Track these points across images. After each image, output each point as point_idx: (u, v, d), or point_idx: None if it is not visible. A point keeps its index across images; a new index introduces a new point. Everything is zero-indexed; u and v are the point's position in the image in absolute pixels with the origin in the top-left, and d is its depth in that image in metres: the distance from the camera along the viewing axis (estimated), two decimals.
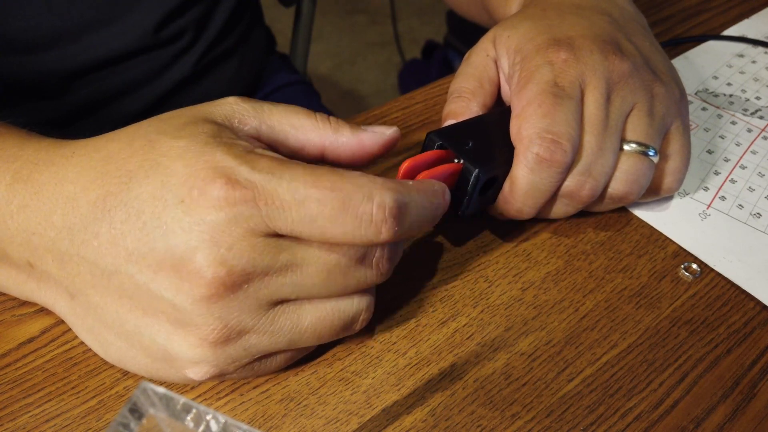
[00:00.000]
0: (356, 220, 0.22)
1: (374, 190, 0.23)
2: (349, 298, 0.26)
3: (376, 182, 0.23)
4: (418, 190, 0.25)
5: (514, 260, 0.33)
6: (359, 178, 0.23)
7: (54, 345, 0.28)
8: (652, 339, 0.31)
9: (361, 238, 0.23)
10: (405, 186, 0.24)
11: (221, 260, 0.22)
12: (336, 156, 0.28)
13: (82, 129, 0.52)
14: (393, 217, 0.23)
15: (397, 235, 0.23)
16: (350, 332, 0.27)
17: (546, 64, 0.32)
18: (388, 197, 0.23)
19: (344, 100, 1.64)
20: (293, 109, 0.27)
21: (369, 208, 0.22)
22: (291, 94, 0.67)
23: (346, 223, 0.22)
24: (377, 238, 0.23)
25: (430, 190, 0.26)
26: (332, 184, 0.22)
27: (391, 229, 0.23)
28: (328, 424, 0.26)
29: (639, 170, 0.32)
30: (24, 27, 0.45)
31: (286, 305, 0.24)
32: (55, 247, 0.24)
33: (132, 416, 0.18)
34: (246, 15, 0.61)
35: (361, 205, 0.22)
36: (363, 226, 0.22)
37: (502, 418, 0.27)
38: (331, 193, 0.22)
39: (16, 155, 0.25)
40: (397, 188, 0.23)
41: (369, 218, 0.22)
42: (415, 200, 0.24)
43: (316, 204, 0.22)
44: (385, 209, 0.23)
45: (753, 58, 0.50)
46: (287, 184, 0.22)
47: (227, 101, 0.26)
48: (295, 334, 0.25)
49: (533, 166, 0.30)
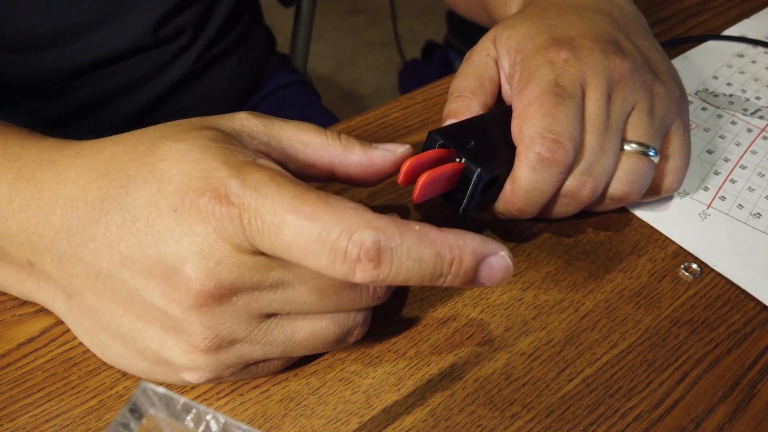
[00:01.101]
0: (329, 254, 0.21)
1: (356, 225, 0.21)
2: (344, 313, 0.25)
3: (363, 218, 0.21)
4: (420, 236, 0.21)
5: (514, 260, 0.33)
6: (346, 211, 0.21)
7: (54, 345, 0.28)
8: (652, 339, 0.31)
9: (334, 274, 0.21)
10: (401, 229, 0.21)
11: (209, 273, 0.22)
12: (346, 174, 0.28)
13: (82, 128, 0.52)
14: (368, 259, 0.21)
15: (378, 279, 0.21)
16: (345, 344, 0.27)
17: (547, 64, 0.32)
18: (368, 237, 0.20)
19: (344, 100, 1.64)
20: (304, 126, 0.27)
21: (344, 245, 0.20)
22: (291, 94, 0.67)
23: (319, 256, 0.21)
24: (351, 278, 0.21)
25: (438, 240, 0.22)
26: (313, 213, 0.21)
27: (367, 272, 0.21)
28: (328, 424, 0.26)
29: (639, 170, 0.32)
30: (24, 27, 0.45)
31: (279, 318, 0.24)
32: (54, 248, 0.24)
33: (132, 416, 0.18)
34: (245, 14, 0.61)
35: (337, 240, 0.21)
36: (336, 263, 0.21)
37: (502, 418, 0.27)
38: (308, 222, 0.21)
39: (19, 154, 0.25)
40: (386, 229, 0.21)
41: (342, 255, 0.21)
42: (408, 248, 0.21)
43: (292, 232, 0.21)
44: (361, 249, 0.20)
45: (753, 58, 0.50)
46: (270, 204, 0.21)
47: (239, 116, 0.26)
48: (289, 345, 0.25)
49: (535, 166, 0.30)
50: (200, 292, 0.22)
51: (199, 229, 0.22)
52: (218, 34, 0.56)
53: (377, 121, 0.41)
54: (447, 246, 0.22)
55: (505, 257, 0.23)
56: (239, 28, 0.60)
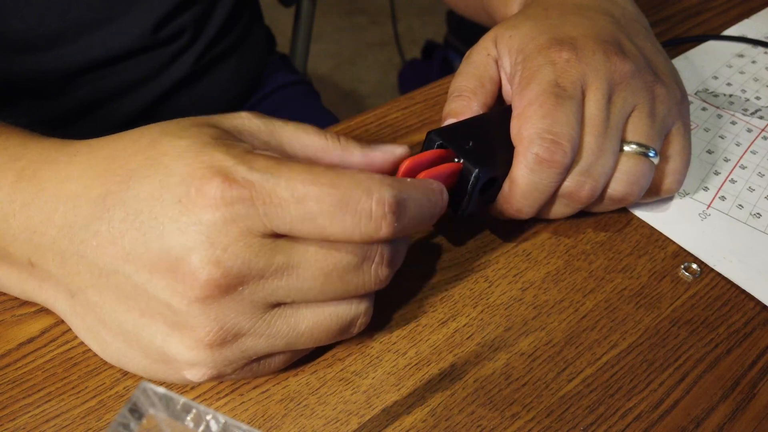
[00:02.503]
0: (355, 216, 0.22)
1: (373, 186, 0.23)
2: (347, 302, 0.26)
3: (374, 179, 0.23)
4: (416, 187, 0.25)
5: (514, 260, 0.33)
6: (357, 175, 0.23)
7: (54, 345, 0.28)
8: (652, 339, 0.31)
9: (360, 234, 0.23)
10: (403, 183, 0.24)
11: (216, 261, 0.22)
12: None
13: (82, 128, 0.52)
14: (392, 212, 0.23)
15: (397, 231, 0.23)
16: (348, 336, 0.27)
17: (548, 64, 0.32)
18: (387, 193, 0.23)
19: (344, 100, 1.64)
20: (304, 127, 0.27)
21: (368, 204, 0.22)
22: (291, 94, 0.67)
23: (345, 219, 0.22)
24: (377, 234, 0.23)
25: (428, 188, 0.26)
26: (330, 181, 0.22)
27: (391, 225, 0.23)
28: (328, 424, 0.26)
29: (639, 171, 0.32)
30: (23, 27, 0.45)
31: (283, 308, 0.24)
32: (56, 246, 0.24)
33: (132, 416, 0.18)
34: (245, 14, 0.61)
35: (360, 201, 0.22)
36: (362, 223, 0.23)
37: (502, 418, 0.27)
38: (329, 189, 0.22)
39: (20, 154, 0.25)
40: (396, 185, 0.24)
41: (368, 214, 0.22)
42: (414, 197, 0.24)
43: (315, 201, 0.22)
44: (384, 205, 0.23)
45: (753, 58, 0.50)
46: (285, 183, 0.22)
47: (240, 115, 0.26)
48: (292, 337, 0.25)
49: (533, 167, 0.30)
50: (206, 282, 0.22)
51: (207, 216, 0.22)
52: (218, 34, 0.56)
53: (377, 121, 0.41)
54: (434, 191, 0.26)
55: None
56: (239, 28, 0.60)
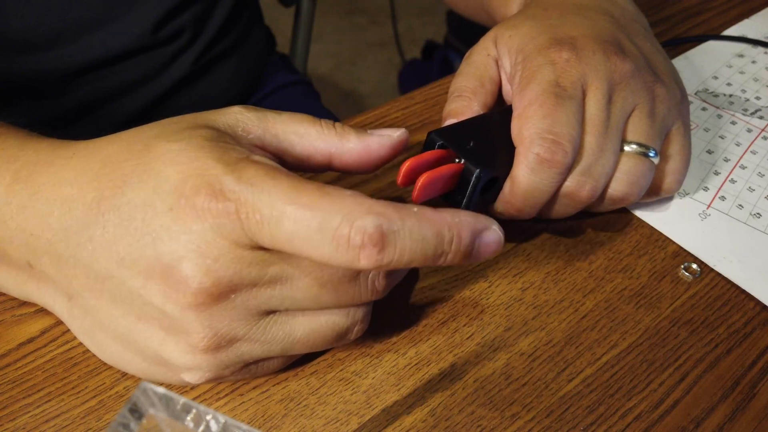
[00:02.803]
0: (332, 243, 0.21)
1: (356, 212, 0.21)
2: (344, 310, 0.25)
3: (363, 204, 0.21)
4: (420, 218, 0.22)
5: (514, 260, 0.33)
6: (345, 199, 0.21)
7: (54, 345, 0.28)
8: (652, 339, 0.31)
9: (338, 261, 0.21)
10: (400, 212, 0.21)
11: (207, 271, 0.22)
12: (343, 162, 0.28)
13: (81, 128, 0.52)
14: (372, 244, 0.21)
15: (382, 264, 0.21)
16: (345, 342, 0.27)
17: (548, 64, 0.32)
18: (370, 222, 0.21)
19: (344, 100, 1.64)
20: (298, 117, 0.27)
21: (346, 232, 0.21)
22: (291, 94, 0.67)
23: (322, 245, 0.21)
24: (356, 264, 0.21)
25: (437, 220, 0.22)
26: (311, 203, 0.21)
27: (371, 257, 0.21)
28: (328, 424, 0.26)
29: (639, 171, 0.32)
30: (23, 27, 0.45)
31: (278, 315, 0.24)
32: (53, 249, 0.24)
33: (132, 416, 0.18)
34: (245, 14, 0.61)
35: (338, 227, 0.21)
36: (339, 251, 0.21)
37: (502, 418, 0.27)
38: (308, 212, 0.21)
39: (17, 156, 0.25)
40: (386, 213, 0.21)
41: (345, 242, 0.21)
42: (410, 229, 0.21)
43: (292, 223, 0.21)
44: (364, 235, 0.20)
45: (753, 58, 0.50)
46: (267, 198, 0.21)
47: (231, 110, 0.26)
48: (288, 343, 0.25)
49: (534, 167, 0.30)
50: (198, 290, 0.22)
51: (196, 227, 0.22)
52: (218, 34, 0.56)
53: (377, 121, 0.41)
54: (446, 224, 0.22)
55: (497, 230, 0.24)
56: (239, 28, 0.60)
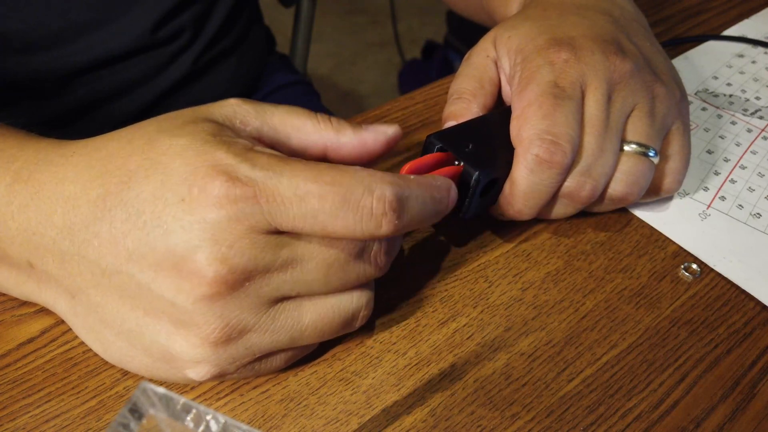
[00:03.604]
0: (357, 213, 0.23)
1: (374, 183, 0.23)
2: (348, 294, 0.26)
3: (376, 176, 0.23)
4: (420, 184, 0.25)
5: (514, 260, 0.33)
6: (359, 172, 0.23)
7: (54, 345, 0.28)
8: (652, 339, 0.31)
9: (362, 231, 0.23)
10: (406, 180, 0.24)
11: (222, 258, 0.22)
12: (338, 156, 0.28)
13: (81, 129, 0.52)
14: (393, 210, 0.23)
15: (398, 228, 0.24)
16: (351, 329, 0.27)
17: (547, 65, 0.32)
18: (388, 190, 0.23)
19: (344, 100, 1.64)
20: (295, 110, 0.27)
21: (369, 202, 0.23)
22: (291, 94, 0.67)
23: (347, 217, 0.22)
24: (378, 232, 0.23)
25: (433, 185, 0.26)
26: (332, 179, 0.22)
27: (391, 222, 0.23)
28: (328, 424, 0.26)
29: (639, 171, 0.32)
30: (22, 27, 0.45)
31: (286, 303, 0.24)
32: (56, 247, 0.24)
33: (132, 416, 0.18)
34: (244, 14, 0.61)
35: (361, 198, 0.22)
36: (363, 220, 0.23)
37: (502, 418, 0.27)
38: (331, 187, 0.22)
39: (16, 156, 0.25)
40: (397, 182, 0.24)
41: (369, 212, 0.23)
42: (416, 194, 0.24)
43: (317, 199, 0.22)
44: (385, 202, 0.23)
45: (753, 58, 0.50)
46: (288, 181, 0.22)
47: (229, 102, 0.26)
48: (296, 331, 0.25)
49: (533, 168, 0.30)
50: (213, 279, 0.22)
51: (212, 215, 0.22)
52: (217, 34, 0.56)
53: (377, 121, 0.41)
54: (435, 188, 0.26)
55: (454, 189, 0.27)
56: (238, 28, 0.60)
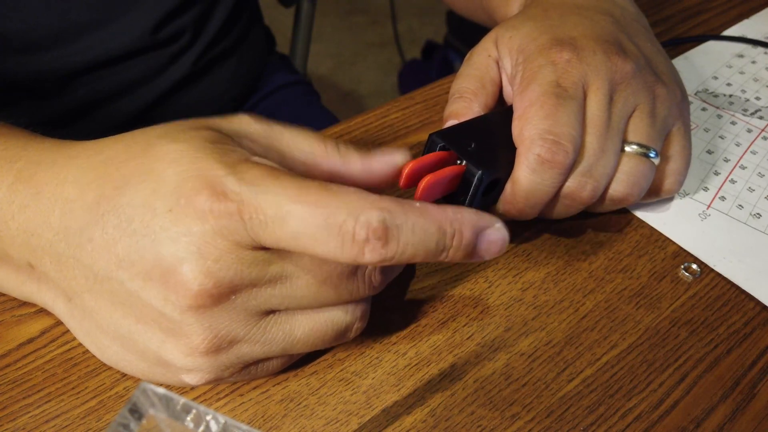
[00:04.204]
0: (338, 238, 0.21)
1: (361, 208, 0.21)
2: (342, 307, 0.25)
3: (367, 200, 0.21)
4: (422, 213, 0.22)
5: (514, 260, 0.33)
6: (349, 195, 0.21)
7: (54, 345, 0.28)
8: (652, 339, 0.31)
9: (343, 257, 0.21)
10: (403, 207, 0.22)
11: (207, 272, 0.22)
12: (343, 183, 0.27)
13: (81, 129, 0.52)
14: (377, 238, 0.21)
15: (385, 258, 0.21)
16: (344, 340, 0.27)
17: (548, 65, 0.32)
18: (374, 216, 0.21)
19: (344, 100, 1.64)
20: (303, 134, 0.26)
21: (351, 227, 0.21)
22: (291, 95, 0.67)
23: (328, 241, 0.21)
24: (360, 259, 0.21)
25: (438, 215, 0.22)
26: (317, 200, 0.21)
27: (375, 251, 0.21)
28: (328, 424, 0.26)
29: (640, 172, 0.32)
30: (23, 27, 0.45)
31: (278, 315, 0.24)
32: (53, 249, 0.24)
33: (132, 417, 0.18)
34: (244, 15, 0.61)
35: (344, 223, 0.21)
36: (345, 246, 0.21)
37: (502, 418, 0.27)
38: (314, 209, 0.21)
39: (19, 155, 0.25)
40: (390, 208, 0.21)
41: (351, 237, 0.21)
42: (413, 224, 0.22)
43: (298, 221, 0.21)
44: (368, 229, 0.21)
45: (753, 58, 0.50)
46: (272, 198, 0.21)
47: (241, 119, 0.26)
48: (288, 343, 0.25)
49: (535, 168, 0.30)
50: (198, 292, 0.22)
51: (196, 228, 0.21)
52: (217, 35, 0.56)
53: (377, 121, 0.41)
54: (448, 220, 0.22)
55: (501, 228, 0.24)
56: (238, 29, 0.60)
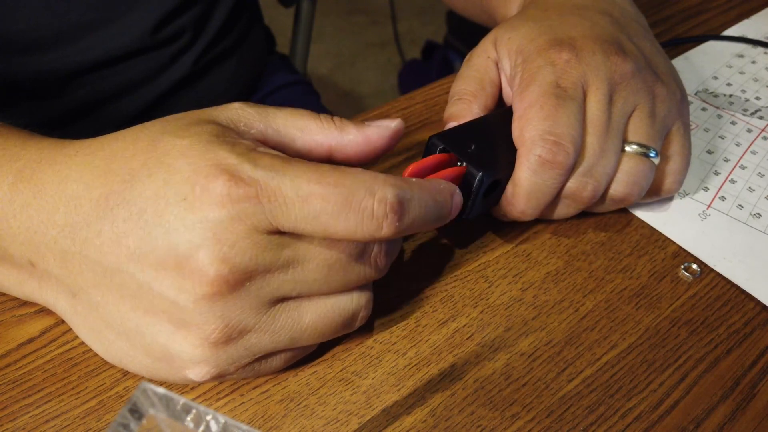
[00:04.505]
0: (358, 215, 0.23)
1: (376, 185, 0.23)
2: (348, 294, 0.26)
3: (378, 178, 0.23)
4: (423, 187, 0.25)
5: (514, 260, 0.33)
6: (362, 174, 0.23)
7: (54, 345, 0.28)
8: (652, 339, 0.31)
9: (363, 233, 0.23)
10: (408, 182, 0.24)
11: (224, 258, 0.22)
12: (344, 155, 0.28)
13: (81, 129, 0.52)
14: (394, 212, 0.23)
15: (399, 230, 0.24)
16: (350, 329, 0.27)
17: (548, 65, 0.32)
18: (390, 192, 0.23)
19: (344, 100, 1.64)
20: (297, 111, 0.27)
21: (370, 203, 0.23)
22: (291, 95, 0.67)
23: (348, 218, 0.23)
24: (378, 233, 0.23)
25: (436, 189, 0.26)
26: (335, 180, 0.22)
27: (392, 224, 0.23)
28: (328, 424, 0.26)
29: (640, 172, 0.32)
30: (23, 28, 0.45)
31: (286, 303, 0.25)
32: (57, 246, 0.24)
33: (132, 417, 0.18)
34: (244, 15, 0.61)
35: (363, 200, 0.23)
36: (365, 222, 0.23)
37: (502, 418, 0.27)
38: (334, 189, 0.22)
39: (19, 155, 0.25)
40: (400, 184, 0.24)
41: (370, 213, 0.23)
42: (418, 197, 0.24)
43: (320, 200, 0.22)
44: (386, 204, 0.23)
45: (753, 58, 0.50)
46: (290, 181, 0.22)
47: (232, 106, 0.26)
48: (296, 332, 0.25)
49: (536, 168, 0.30)
50: (215, 278, 0.22)
51: (213, 214, 0.22)
52: (217, 35, 0.56)
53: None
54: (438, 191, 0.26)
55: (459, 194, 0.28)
56: (238, 29, 0.60)
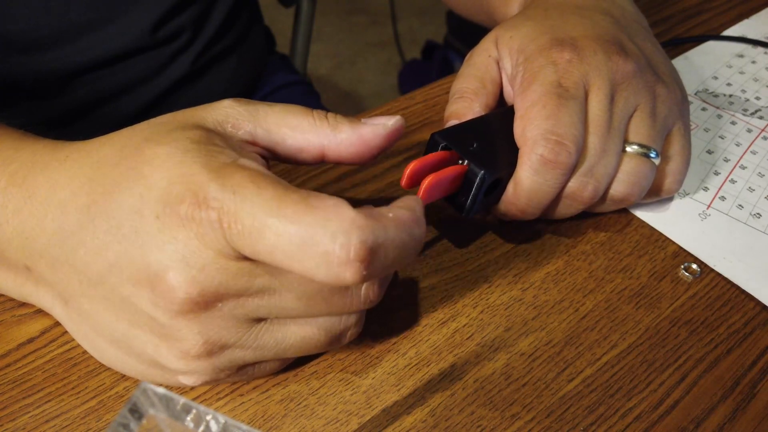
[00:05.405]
0: (315, 259, 0.20)
1: (340, 228, 0.20)
2: (336, 317, 0.25)
3: (346, 219, 0.20)
4: (398, 224, 0.22)
5: (514, 260, 0.33)
6: (328, 211, 0.20)
7: (54, 345, 0.28)
8: (652, 339, 0.31)
9: (322, 277, 0.20)
10: (381, 222, 0.21)
11: (192, 281, 0.21)
12: (337, 155, 0.27)
13: (80, 129, 0.52)
14: (360, 260, 0.20)
15: (366, 277, 0.21)
16: (339, 345, 0.27)
17: (549, 65, 0.32)
18: (355, 238, 0.20)
19: (344, 100, 1.64)
20: (290, 108, 0.26)
21: (330, 248, 0.20)
22: (290, 95, 0.67)
23: (304, 260, 0.20)
24: (341, 281, 0.20)
25: (410, 221, 0.23)
26: (294, 216, 0.20)
27: (357, 273, 0.20)
28: (328, 424, 0.26)
29: (641, 172, 0.32)
30: (22, 28, 0.45)
31: (269, 322, 0.24)
32: (48, 253, 0.24)
33: (132, 416, 0.18)
34: (244, 14, 0.61)
35: (322, 244, 0.20)
36: (323, 268, 0.20)
37: (502, 418, 0.27)
38: (290, 226, 0.20)
39: (12, 158, 0.25)
40: (371, 226, 0.20)
41: (328, 260, 0.20)
42: (393, 237, 0.21)
43: (274, 236, 0.20)
44: (350, 251, 0.20)
45: (753, 58, 0.50)
46: (249, 208, 0.20)
47: (222, 104, 0.25)
48: (280, 349, 0.25)
49: (537, 168, 0.30)
50: (184, 299, 0.22)
51: (181, 236, 0.21)
52: (217, 34, 0.56)
53: None
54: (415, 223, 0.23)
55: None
56: (238, 28, 0.60)
